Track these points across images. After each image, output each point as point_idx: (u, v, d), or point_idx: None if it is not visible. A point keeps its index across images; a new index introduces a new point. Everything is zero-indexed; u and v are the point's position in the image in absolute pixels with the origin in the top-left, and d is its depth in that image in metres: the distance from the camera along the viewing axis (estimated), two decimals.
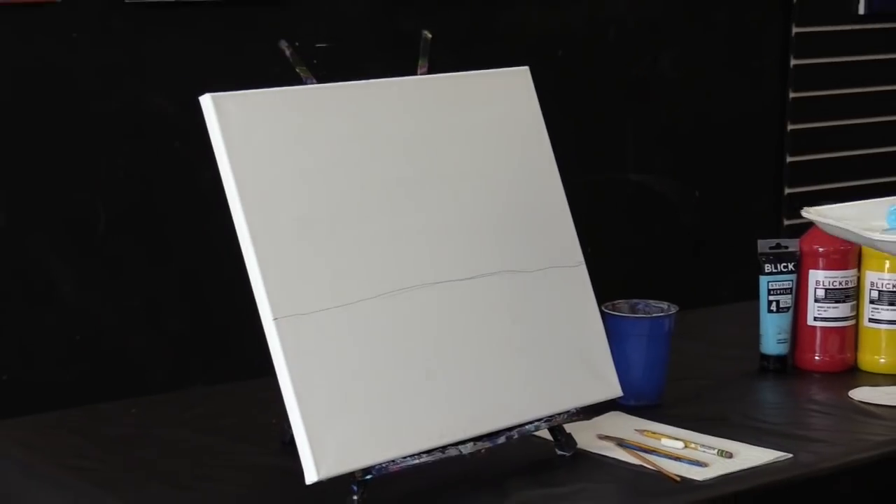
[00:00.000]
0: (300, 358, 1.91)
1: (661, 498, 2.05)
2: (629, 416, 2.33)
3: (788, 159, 4.28)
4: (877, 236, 1.76)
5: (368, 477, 1.95)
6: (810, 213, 1.85)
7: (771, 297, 2.58)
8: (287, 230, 1.95)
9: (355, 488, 1.95)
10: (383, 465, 1.97)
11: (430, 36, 2.22)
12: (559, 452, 2.18)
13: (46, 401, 2.92)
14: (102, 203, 3.42)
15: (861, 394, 2.48)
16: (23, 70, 3.30)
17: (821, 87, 4.36)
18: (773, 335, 2.59)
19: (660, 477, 2.11)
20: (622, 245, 4.00)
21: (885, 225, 1.81)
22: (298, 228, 1.96)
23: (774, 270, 2.58)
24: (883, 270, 2.56)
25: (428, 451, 2.02)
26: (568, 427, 2.19)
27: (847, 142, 4.37)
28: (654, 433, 2.25)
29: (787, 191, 4.29)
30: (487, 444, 2.08)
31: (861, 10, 4.42)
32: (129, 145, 3.43)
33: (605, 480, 2.11)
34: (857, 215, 1.83)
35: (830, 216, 1.82)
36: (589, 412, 2.24)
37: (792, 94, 4.29)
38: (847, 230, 1.79)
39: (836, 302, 2.58)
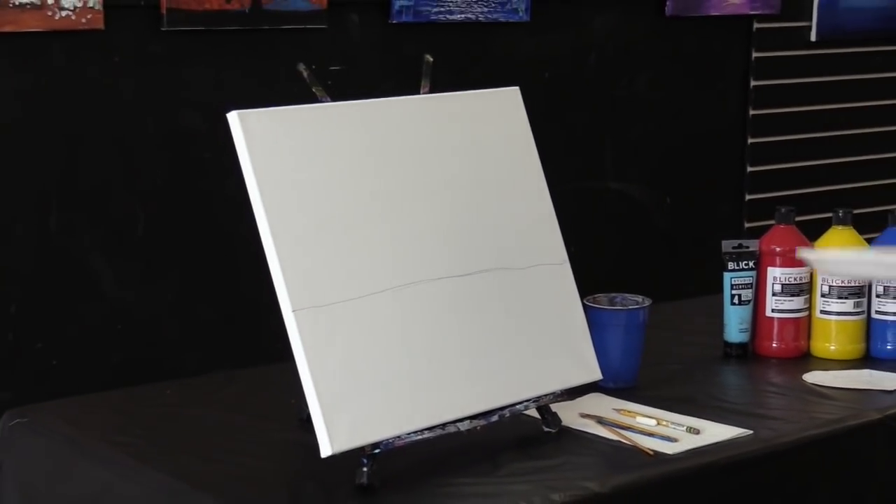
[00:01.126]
0: (316, 345, 1.91)
1: (636, 470, 2.05)
2: (608, 397, 2.32)
3: (749, 169, 4.28)
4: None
5: (377, 451, 1.95)
6: (813, 258, 1.82)
7: (733, 292, 2.58)
8: (304, 231, 1.95)
9: (365, 461, 1.94)
10: (390, 441, 1.97)
11: (431, 60, 2.22)
12: (546, 429, 2.18)
13: (91, 383, 2.93)
14: (141, 208, 3.42)
15: (813, 377, 2.48)
16: (72, 90, 3.30)
17: (777, 105, 4.36)
18: (735, 325, 2.59)
19: (635, 451, 2.11)
20: (602, 245, 3.99)
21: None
22: (314, 230, 1.96)
23: (737, 268, 2.58)
24: None
25: (429, 428, 2.02)
26: (553, 406, 2.19)
27: (801, 154, 4.37)
28: (629, 412, 2.25)
29: (748, 197, 4.29)
30: (482, 422, 2.08)
31: (813, 38, 4.42)
32: (165, 157, 3.43)
33: (587, 454, 2.11)
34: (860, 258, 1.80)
35: (842, 266, 1.79)
36: (572, 393, 2.24)
37: (752, 112, 4.29)
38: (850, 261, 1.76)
39: (792, 295, 2.58)
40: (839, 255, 1.75)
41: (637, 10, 4.14)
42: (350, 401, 1.93)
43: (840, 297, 2.57)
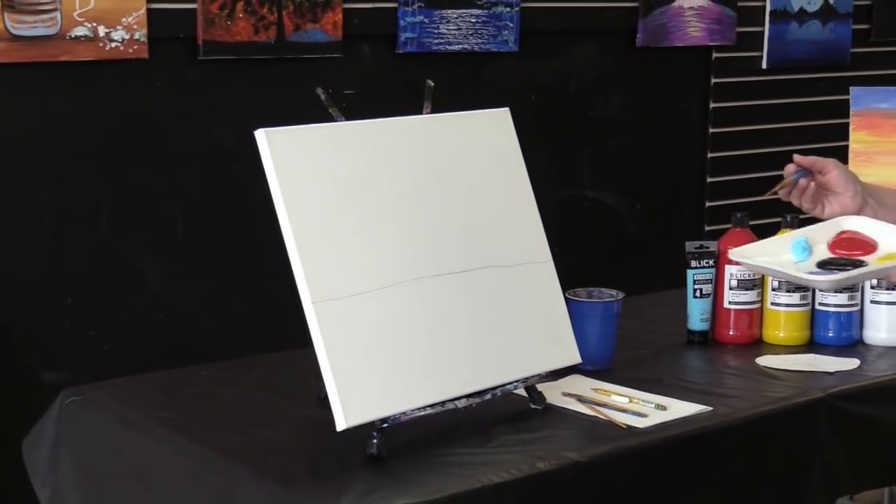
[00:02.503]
0: (332, 333, 1.91)
1: (611, 441, 2.05)
2: (586, 378, 2.32)
3: (709, 180, 4.28)
4: (802, 274, 1.72)
5: (385, 425, 1.95)
6: (735, 254, 1.82)
7: (696, 286, 2.57)
8: (322, 233, 1.95)
9: (375, 434, 1.94)
10: (396, 416, 1.96)
11: (432, 84, 2.21)
12: (532, 406, 2.18)
13: (137, 366, 2.92)
14: (180, 213, 3.41)
15: (765, 361, 2.48)
16: (120, 111, 3.30)
17: (733, 124, 4.36)
18: (697, 315, 2.58)
19: (610, 425, 2.11)
20: (581, 246, 3.99)
21: (793, 257, 1.78)
22: (330, 232, 1.96)
23: (698, 265, 2.58)
24: None
25: (431, 406, 2.01)
26: (539, 386, 2.19)
27: (754, 167, 4.36)
28: (605, 391, 2.25)
29: (708, 204, 4.29)
30: (477, 400, 2.08)
31: (764, 66, 4.43)
32: (201, 169, 3.43)
33: (568, 428, 2.11)
34: (769, 251, 1.80)
35: (755, 257, 1.78)
36: (555, 375, 2.23)
37: (711, 130, 4.29)
38: (776, 270, 1.76)
39: (746, 290, 2.57)
40: (757, 249, 1.75)
41: (611, 42, 4.14)
42: (362, 381, 1.93)
43: (788, 291, 2.56)
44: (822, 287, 1.74)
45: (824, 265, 1.83)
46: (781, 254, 1.76)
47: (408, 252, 2.04)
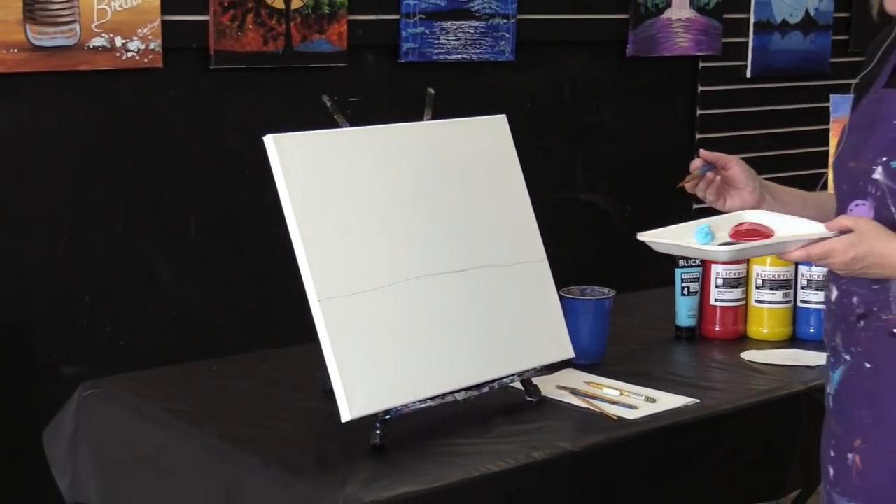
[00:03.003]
0: (337, 329, 1.91)
1: (602, 432, 2.05)
2: (579, 372, 2.32)
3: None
4: (702, 247, 1.75)
5: (387, 417, 1.95)
6: (645, 236, 1.84)
7: (683, 284, 2.57)
8: (327, 234, 1.95)
9: (378, 425, 1.94)
10: (398, 408, 1.96)
11: (433, 92, 2.21)
12: (528, 399, 2.18)
13: (151, 360, 2.92)
14: (193, 215, 3.41)
15: (749, 355, 2.48)
16: (136, 117, 3.30)
17: (719, 130, 4.36)
18: (685, 312, 2.58)
19: (602, 416, 2.11)
20: (574, 246, 3.99)
21: (697, 241, 1.80)
22: (336, 233, 1.96)
23: (686, 265, 2.58)
24: (765, 265, 2.57)
25: (431, 398, 2.01)
26: (534, 380, 2.19)
27: None
28: (597, 384, 2.25)
29: (695, 206, 4.27)
30: (475, 393, 2.08)
31: (748, 75, 4.43)
32: (213, 173, 3.43)
33: (562, 419, 2.11)
34: (675, 235, 1.81)
35: (663, 238, 1.80)
36: (549, 369, 2.23)
37: (698, 136, 4.29)
38: (679, 245, 1.78)
39: (731, 288, 2.57)
40: (665, 233, 1.78)
41: (603, 52, 4.14)
42: (365, 375, 1.93)
43: (771, 289, 2.56)
44: (719, 258, 1.79)
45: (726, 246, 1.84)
46: (686, 237, 1.78)
47: (409, 252, 2.04)
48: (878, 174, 1.66)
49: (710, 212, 1.99)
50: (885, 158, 1.65)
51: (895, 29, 1.75)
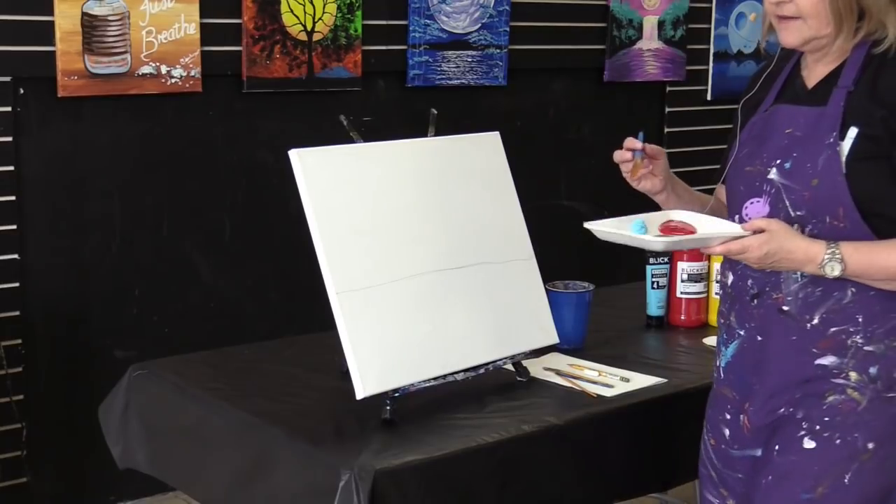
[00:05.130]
0: (353, 318, 1.89)
1: (583, 408, 2.03)
2: (563, 356, 2.30)
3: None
4: (641, 236, 1.75)
5: (397, 394, 1.93)
6: (590, 225, 1.83)
7: (653, 279, 2.56)
8: (344, 236, 1.93)
9: (388, 402, 1.92)
10: (406, 387, 1.95)
11: (435, 113, 2.20)
12: (518, 379, 2.16)
13: (191, 345, 2.91)
14: (228, 219, 3.40)
15: (711, 341, 2.45)
16: (179, 135, 3.29)
17: (684, 146, 4.35)
18: (654, 303, 2.57)
19: (583, 394, 2.09)
20: (558, 246, 3.97)
21: (633, 233, 1.79)
22: (351, 235, 1.94)
23: (656, 262, 2.56)
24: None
25: (434, 378, 2.00)
26: (524, 362, 2.17)
27: (701, 181, 4.35)
28: (579, 366, 2.23)
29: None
30: (472, 374, 2.06)
31: (709, 98, 4.43)
32: (245, 183, 3.42)
33: (548, 396, 2.09)
34: (615, 226, 1.81)
35: (606, 228, 1.80)
36: (537, 353, 2.22)
37: (666, 150, 4.30)
38: (620, 234, 1.77)
39: (695, 282, 2.56)
40: (612, 229, 1.78)
41: (583, 77, 4.13)
42: (377, 358, 1.91)
43: None
44: (655, 247, 1.78)
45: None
46: (625, 229, 1.78)
47: (415, 251, 2.03)
48: (773, 174, 1.73)
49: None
50: (778, 161, 1.73)
51: (774, 60, 1.87)
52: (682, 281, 2.56)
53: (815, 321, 1.69)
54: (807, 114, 1.72)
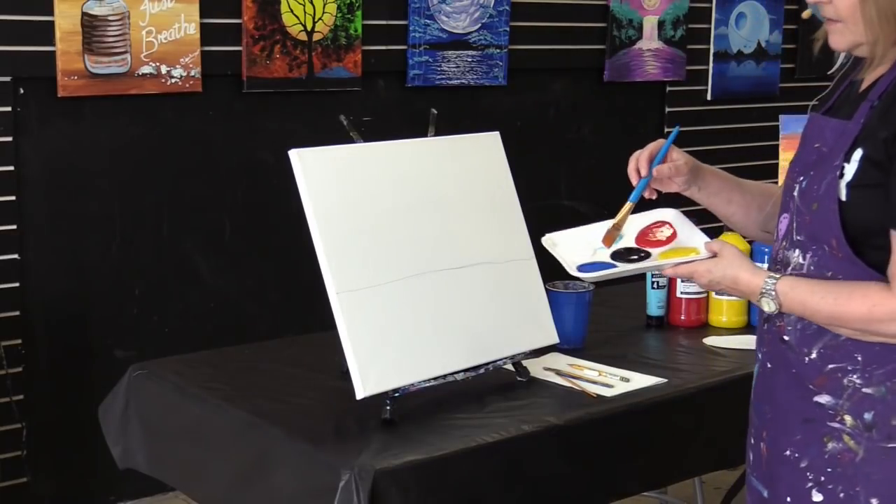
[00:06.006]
0: (353, 318, 1.89)
1: (583, 408, 2.03)
2: (563, 355, 2.30)
3: (663, 191, 4.28)
4: (569, 269, 1.74)
5: (397, 394, 1.93)
6: (545, 239, 1.82)
7: (653, 279, 2.55)
8: (344, 236, 1.93)
9: (388, 402, 1.92)
10: (406, 387, 1.94)
11: (436, 112, 2.19)
12: (518, 378, 2.16)
13: (192, 345, 2.91)
14: (227, 219, 3.40)
15: (711, 341, 2.46)
16: (179, 135, 3.29)
17: (684, 146, 4.33)
18: (655, 303, 2.56)
19: (583, 394, 2.09)
20: None
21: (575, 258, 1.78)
22: (351, 235, 1.94)
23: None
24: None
25: (434, 378, 1.99)
26: (524, 362, 2.17)
27: None
28: (579, 366, 2.23)
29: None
30: (472, 374, 2.06)
31: (708, 97, 4.43)
32: (245, 183, 3.42)
33: (548, 396, 2.09)
34: (586, 237, 1.79)
35: (566, 242, 1.78)
36: (537, 353, 2.21)
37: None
38: (563, 258, 1.76)
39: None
40: (569, 243, 1.76)
41: (583, 77, 4.13)
42: (377, 358, 1.91)
43: None
44: (585, 279, 1.75)
45: (616, 255, 1.81)
46: (596, 239, 1.76)
47: (415, 251, 2.02)
48: (796, 191, 1.61)
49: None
50: (801, 178, 1.60)
51: (851, 60, 1.67)
52: (683, 281, 2.55)
53: (814, 355, 1.57)
54: (834, 127, 1.57)
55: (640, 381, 2.16)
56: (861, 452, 1.53)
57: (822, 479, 1.56)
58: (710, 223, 2.85)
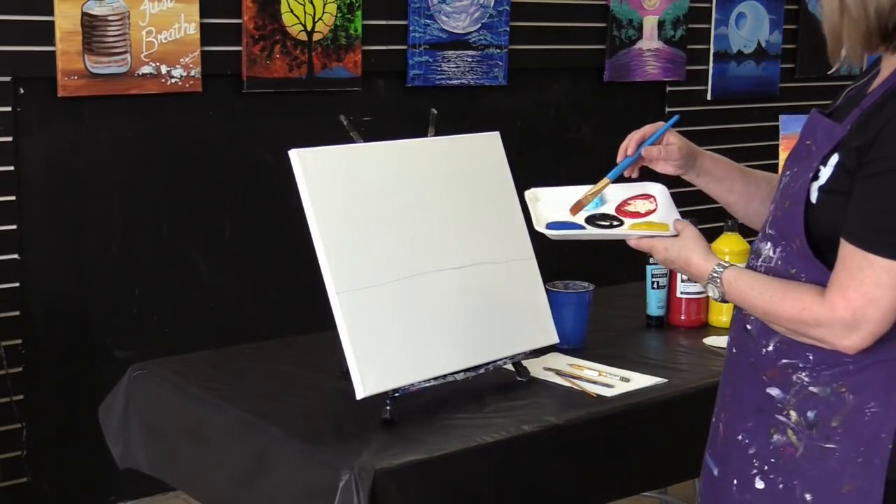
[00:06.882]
0: (353, 318, 1.89)
1: (583, 408, 2.03)
2: (563, 355, 2.30)
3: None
4: (539, 228, 1.74)
5: (397, 394, 1.93)
6: (529, 195, 1.83)
7: (653, 279, 2.55)
8: (344, 236, 1.93)
9: (388, 402, 1.92)
10: (406, 387, 1.94)
11: (435, 112, 2.19)
12: (518, 378, 2.16)
13: (192, 345, 2.91)
14: (227, 219, 3.40)
15: (711, 340, 2.46)
16: (179, 135, 3.29)
17: None
18: (655, 303, 2.56)
19: (583, 394, 2.09)
20: (557, 246, 3.98)
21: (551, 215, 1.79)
22: (351, 235, 1.94)
23: (655, 262, 2.55)
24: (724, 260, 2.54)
25: (434, 378, 1.99)
26: (524, 362, 2.17)
27: None
28: (579, 366, 2.23)
29: None
30: (472, 374, 2.06)
31: (708, 97, 4.43)
32: (245, 183, 3.42)
33: (548, 396, 2.09)
34: (566, 195, 1.80)
35: (552, 198, 1.79)
36: (537, 353, 2.21)
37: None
38: (537, 215, 1.76)
39: (695, 282, 2.54)
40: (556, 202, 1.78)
41: (583, 77, 4.12)
42: (377, 358, 1.91)
43: None
44: (549, 236, 1.76)
45: (590, 219, 1.82)
46: (572, 198, 1.77)
47: (415, 251, 2.02)
48: (781, 185, 1.62)
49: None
50: (787, 173, 1.61)
51: (867, 75, 1.64)
52: (683, 281, 2.55)
53: (770, 348, 1.59)
54: (825, 127, 1.57)
55: (640, 381, 2.16)
56: (801, 448, 1.57)
57: (766, 468, 1.61)
58: (710, 223, 2.86)
